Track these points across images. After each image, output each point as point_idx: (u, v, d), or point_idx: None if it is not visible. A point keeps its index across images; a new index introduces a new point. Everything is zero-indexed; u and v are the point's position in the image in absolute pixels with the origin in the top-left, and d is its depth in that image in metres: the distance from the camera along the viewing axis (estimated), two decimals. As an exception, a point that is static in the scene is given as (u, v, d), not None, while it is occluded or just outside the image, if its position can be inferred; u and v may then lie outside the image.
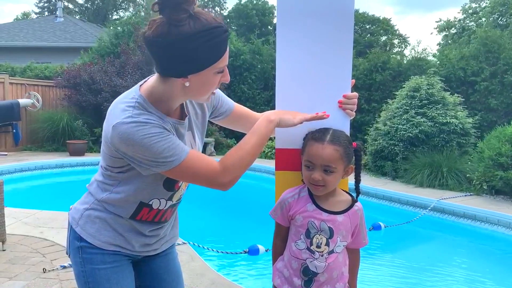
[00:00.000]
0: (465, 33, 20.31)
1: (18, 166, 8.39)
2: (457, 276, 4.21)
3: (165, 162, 1.26)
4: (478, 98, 9.44)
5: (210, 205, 6.92)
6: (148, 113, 1.28)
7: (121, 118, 1.25)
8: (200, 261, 3.63)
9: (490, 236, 5.29)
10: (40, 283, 3.11)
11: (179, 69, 1.24)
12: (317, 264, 1.46)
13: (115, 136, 1.25)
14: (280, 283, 1.54)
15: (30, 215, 4.89)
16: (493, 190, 6.35)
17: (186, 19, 1.18)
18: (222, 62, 1.27)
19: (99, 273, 1.41)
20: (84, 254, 1.42)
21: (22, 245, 3.92)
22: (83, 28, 20.33)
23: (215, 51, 1.23)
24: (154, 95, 1.31)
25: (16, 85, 10.82)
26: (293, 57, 1.55)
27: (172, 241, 1.64)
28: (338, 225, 1.47)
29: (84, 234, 1.43)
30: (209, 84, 1.30)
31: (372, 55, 10.77)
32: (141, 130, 1.23)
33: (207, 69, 1.24)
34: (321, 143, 1.44)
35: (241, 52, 11.73)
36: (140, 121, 1.24)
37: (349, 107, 1.55)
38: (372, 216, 5.75)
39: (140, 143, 1.23)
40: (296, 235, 1.50)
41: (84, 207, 1.46)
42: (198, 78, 1.26)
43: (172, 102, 1.35)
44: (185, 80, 1.26)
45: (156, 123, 1.26)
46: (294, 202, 1.52)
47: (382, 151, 8.01)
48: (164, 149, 1.25)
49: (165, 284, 1.59)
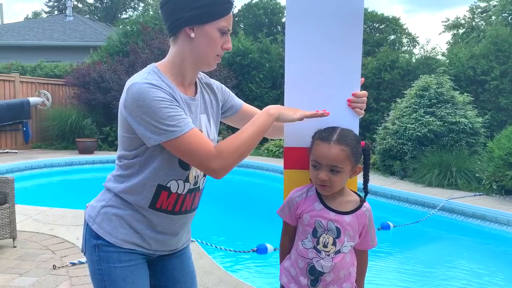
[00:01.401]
0: (474, 32, 20.13)
1: (28, 164, 8.47)
2: (466, 276, 4.18)
3: (167, 130, 1.28)
4: (488, 97, 9.36)
5: (219, 204, 6.94)
6: (160, 82, 1.35)
7: (137, 80, 1.33)
8: (208, 259, 3.65)
9: (500, 236, 5.25)
10: (50, 280, 3.15)
11: (185, 18, 1.36)
12: (323, 264, 1.46)
13: (129, 96, 1.31)
14: (287, 282, 1.55)
15: (40, 212, 4.94)
16: (503, 190, 6.30)
17: None
18: (225, 21, 1.39)
19: (115, 271, 1.41)
20: (101, 252, 1.42)
21: (32, 241, 3.96)
22: (92, 27, 20.45)
23: (219, 7, 1.37)
24: (167, 64, 1.43)
25: (26, 84, 10.93)
26: (302, 56, 1.55)
27: (186, 240, 1.64)
28: (346, 225, 1.46)
29: (100, 232, 1.43)
30: (213, 41, 1.39)
31: (381, 54, 10.72)
32: (153, 91, 1.29)
33: (210, 23, 1.37)
34: (328, 143, 1.44)
35: (249, 51, 11.73)
36: (154, 84, 1.31)
37: (358, 105, 1.55)
38: (380, 216, 5.73)
39: (150, 104, 1.28)
40: (303, 234, 1.50)
41: (101, 204, 1.46)
42: (202, 31, 1.37)
43: (184, 66, 1.43)
44: (190, 31, 1.37)
45: (167, 90, 1.33)
46: (301, 201, 1.52)
47: (391, 150, 7.97)
48: (169, 116, 1.28)
49: (179, 284, 1.60)
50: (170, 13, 1.38)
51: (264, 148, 10.56)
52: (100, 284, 1.43)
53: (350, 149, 1.44)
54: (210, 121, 1.53)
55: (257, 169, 9.16)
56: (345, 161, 1.43)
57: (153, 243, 1.47)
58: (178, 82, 1.43)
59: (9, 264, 3.45)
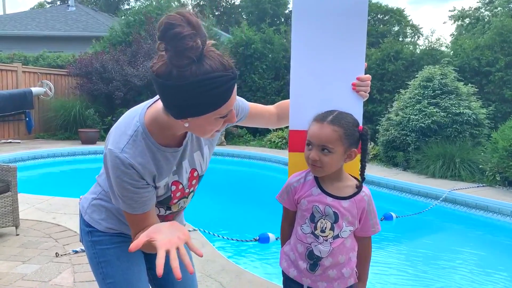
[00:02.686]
0: (479, 23, 19.97)
1: (31, 154, 8.49)
2: (468, 267, 4.17)
3: (124, 203, 1.32)
4: (493, 88, 9.28)
5: (222, 194, 6.95)
6: (141, 148, 1.30)
7: (115, 145, 1.29)
8: (211, 248, 3.65)
9: (503, 227, 5.23)
10: (53, 267, 3.15)
11: (176, 111, 1.21)
12: (321, 249, 1.45)
13: (106, 158, 1.31)
14: (286, 266, 1.55)
15: (43, 201, 4.95)
16: (507, 181, 6.28)
17: (189, 64, 1.11)
18: (225, 109, 1.21)
19: (108, 252, 1.48)
20: (93, 237, 1.51)
21: (35, 230, 3.97)
22: (94, 17, 20.38)
23: (217, 99, 1.17)
24: (156, 122, 1.32)
25: (29, 74, 10.92)
26: (308, 42, 1.56)
27: None
28: (343, 211, 1.45)
29: (92, 222, 1.51)
30: (210, 126, 1.26)
31: (385, 45, 10.63)
32: (119, 172, 1.27)
33: (206, 115, 1.20)
34: (321, 123, 1.44)
35: (252, 41, 11.64)
36: (125, 162, 1.27)
37: (362, 89, 1.56)
38: (383, 207, 5.72)
39: (116, 180, 1.29)
40: (302, 219, 1.50)
41: (92, 196, 1.54)
42: (198, 121, 1.22)
43: (175, 132, 1.34)
44: (184, 121, 1.23)
45: (136, 172, 1.28)
46: (299, 186, 1.51)
47: (394, 141, 7.94)
48: (126, 195, 1.30)
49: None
50: (159, 94, 1.22)
51: (267, 140, 10.54)
52: (97, 266, 1.50)
53: (343, 131, 1.42)
54: (203, 155, 1.50)
55: (260, 160, 9.16)
56: (337, 141, 1.41)
57: None
58: (166, 138, 1.35)
59: (12, 252, 3.46)
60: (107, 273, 1.47)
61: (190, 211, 2.48)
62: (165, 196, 1.42)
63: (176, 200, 1.47)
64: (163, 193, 1.41)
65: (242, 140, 11.14)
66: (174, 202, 1.47)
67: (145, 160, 1.30)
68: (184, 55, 1.10)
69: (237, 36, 11.74)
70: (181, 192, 1.47)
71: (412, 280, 3.83)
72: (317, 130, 1.43)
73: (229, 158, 9.52)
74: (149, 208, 1.36)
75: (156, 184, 1.37)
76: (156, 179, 1.36)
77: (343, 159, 1.45)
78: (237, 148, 9.99)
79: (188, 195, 1.51)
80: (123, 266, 1.46)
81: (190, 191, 1.51)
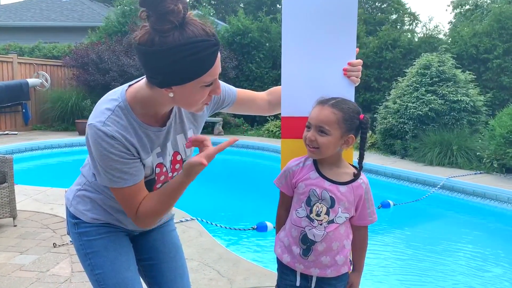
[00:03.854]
0: (478, 10, 19.87)
1: (28, 145, 8.47)
2: (466, 254, 4.19)
3: (111, 178, 1.29)
4: (490, 76, 9.26)
5: (220, 183, 6.96)
6: (123, 122, 1.28)
7: (96, 120, 1.27)
8: (209, 237, 3.66)
9: (500, 214, 5.25)
10: (51, 257, 3.15)
11: (160, 79, 1.20)
12: (315, 232, 1.45)
13: (88, 134, 1.29)
14: (280, 252, 1.55)
15: (40, 192, 4.94)
16: (504, 168, 6.28)
17: (171, 30, 1.13)
18: (209, 76, 1.21)
19: (96, 243, 1.46)
20: (80, 228, 1.48)
21: (32, 220, 3.97)
22: (90, 7, 20.21)
23: (200, 65, 1.17)
24: (139, 99, 1.30)
25: (24, 65, 10.84)
26: (299, 26, 1.55)
27: (164, 219, 1.66)
28: (340, 196, 1.45)
29: (77, 213, 1.49)
30: (196, 96, 1.24)
31: (382, 33, 10.57)
32: (105, 145, 1.25)
33: (191, 82, 1.19)
34: (322, 105, 1.46)
35: (249, 30, 11.55)
36: (108, 134, 1.25)
37: (354, 74, 1.56)
38: (381, 194, 5.73)
39: (101, 153, 1.26)
40: (298, 203, 1.50)
41: (77, 188, 1.52)
42: (182, 90, 1.21)
43: (159, 108, 1.33)
44: (168, 91, 1.22)
45: (121, 142, 1.26)
46: (298, 170, 1.51)
47: (392, 129, 7.93)
48: (115, 168, 1.27)
49: (162, 255, 1.61)
50: (142, 64, 1.21)
51: (264, 129, 10.52)
52: (85, 258, 1.48)
53: (342, 115, 1.43)
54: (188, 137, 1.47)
55: (257, 150, 9.15)
56: (334, 124, 1.42)
57: (129, 224, 1.50)
58: (149, 116, 1.34)
59: (9, 243, 3.46)
60: (95, 264, 1.45)
61: (188, 201, 2.47)
62: (149, 178, 1.40)
63: (159, 185, 1.45)
64: (148, 174, 1.39)
65: (240, 129, 11.13)
66: (157, 186, 1.45)
67: (128, 134, 1.29)
68: (166, 18, 1.11)
69: (234, 25, 11.65)
70: (165, 176, 1.45)
71: (409, 267, 3.85)
72: (317, 111, 1.45)
73: (227, 147, 9.51)
74: (140, 179, 1.33)
75: (142, 161, 1.34)
76: (142, 155, 1.34)
77: (339, 144, 1.45)
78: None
79: (171, 179, 1.48)
80: (110, 256, 1.45)
81: (174, 175, 1.48)
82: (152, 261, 1.60)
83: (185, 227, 3.84)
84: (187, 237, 3.59)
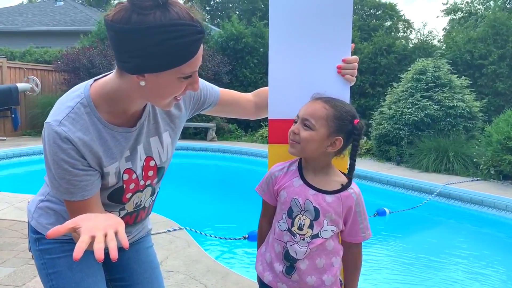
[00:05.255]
0: (472, 17, 19.91)
1: (16, 151, 8.27)
2: (463, 262, 4.06)
3: (58, 188, 1.14)
4: (486, 82, 9.19)
5: (211, 191, 6.80)
6: (83, 122, 1.11)
7: (53, 118, 1.11)
8: (197, 247, 3.49)
9: (498, 221, 5.13)
10: (28, 270, 2.98)
11: (134, 64, 1.03)
12: (297, 249, 1.27)
13: (43, 132, 1.12)
14: (261, 270, 1.37)
15: (23, 200, 4.76)
16: (501, 175, 6.18)
17: (152, 8, 0.98)
18: (189, 67, 1.06)
19: (59, 262, 1.28)
20: (41, 245, 1.31)
21: (12, 230, 3.79)
22: (83, 12, 20.06)
23: (181, 52, 1.02)
24: (105, 94, 1.15)
25: (14, 69, 10.66)
26: (287, 16, 1.38)
27: (140, 235, 1.49)
28: (326, 206, 1.27)
29: (39, 227, 1.31)
30: (170, 89, 1.09)
31: (377, 38, 10.49)
32: (55, 147, 1.09)
33: (167, 71, 1.04)
34: (315, 100, 1.31)
35: (243, 35, 11.45)
36: (62, 135, 1.09)
37: (349, 72, 1.39)
38: (376, 202, 5.60)
39: (51, 156, 1.10)
40: (280, 213, 1.33)
41: (40, 198, 1.34)
42: (156, 79, 1.06)
43: (128, 104, 1.16)
44: (140, 79, 1.06)
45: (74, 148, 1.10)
46: (281, 176, 1.35)
47: (387, 135, 7.81)
48: (63, 177, 1.11)
49: (136, 275, 1.44)
50: (114, 45, 1.05)
51: (258, 135, 10.38)
52: (46, 278, 1.30)
53: (333, 112, 1.27)
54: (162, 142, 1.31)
55: (251, 156, 9.00)
56: (321, 120, 1.26)
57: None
58: (116, 115, 1.18)
59: (-14, 254, 3.28)
60: (58, 286, 1.27)
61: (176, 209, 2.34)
62: (116, 186, 1.23)
63: (129, 194, 1.28)
64: (114, 182, 1.21)
65: (233, 135, 10.98)
66: (127, 197, 1.28)
67: (88, 137, 1.12)
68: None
69: (228, 30, 11.54)
70: (135, 184, 1.27)
71: (405, 276, 3.72)
72: (308, 105, 1.31)
73: (220, 153, 9.36)
74: (91, 195, 1.15)
75: (103, 169, 1.17)
76: (104, 162, 1.17)
77: (324, 144, 1.28)
78: (228, 144, 9.83)
79: (144, 188, 1.31)
80: (76, 278, 1.27)
81: (147, 184, 1.31)
82: (125, 281, 1.43)
83: (173, 237, 3.67)
84: (174, 248, 3.42)
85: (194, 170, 8.48)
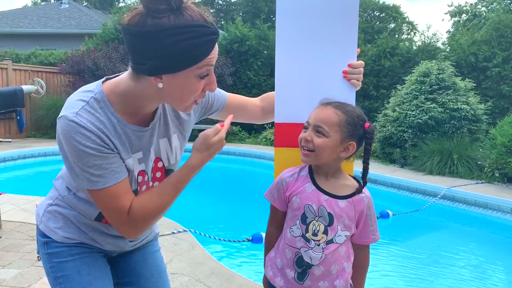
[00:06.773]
0: (476, 19, 19.88)
1: (21, 153, 8.31)
2: (467, 265, 4.05)
3: (89, 178, 1.12)
4: (490, 84, 9.17)
5: (216, 193, 6.81)
6: (98, 115, 1.12)
7: (68, 111, 1.11)
8: (201, 250, 3.51)
9: (502, 224, 5.11)
10: (34, 272, 3.00)
11: (150, 65, 1.06)
12: (312, 255, 1.28)
13: (58, 129, 1.13)
14: (272, 275, 1.37)
15: (29, 202, 4.79)
16: (505, 178, 6.16)
17: (166, 11, 1.02)
18: (205, 66, 1.09)
19: (67, 265, 1.29)
20: (50, 249, 1.31)
21: (18, 232, 3.81)
22: (88, 14, 20.15)
23: (195, 51, 1.05)
24: (118, 93, 1.16)
25: (19, 72, 10.72)
26: (293, 21, 1.39)
27: (148, 239, 1.50)
28: (339, 212, 1.28)
29: (47, 231, 1.32)
30: (189, 89, 1.11)
31: (381, 41, 10.50)
32: (78, 136, 1.09)
33: (184, 71, 1.07)
34: (325, 106, 1.31)
35: (247, 38, 11.47)
36: (81, 124, 1.09)
37: (354, 77, 1.40)
38: (380, 204, 5.59)
39: (74, 148, 1.10)
40: (292, 220, 1.33)
41: (48, 202, 1.35)
42: (174, 80, 1.08)
43: (143, 103, 1.17)
44: (158, 81, 1.09)
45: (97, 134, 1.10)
46: (292, 182, 1.35)
47: (391, 138, 7.81)
48: (93, 164, 1.10)
49: (143, 279, 1.45)
50: (130, 48, 1.08)
51: (262, 137, 10.39)
52: (54, 282, 1.31)
53: (345, 118, 1.28)
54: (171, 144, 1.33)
55: (254, 158, 9.01)
56: (334, 126, 1.27)
57: (105, 245, 1.34)
58: (129, 113, 1.19)
59: (-8, 255, 3.30)
60: None
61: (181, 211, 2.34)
62: (132, 189, 1.24)
63: None
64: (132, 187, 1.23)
65: (237, 137, 10.99)
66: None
67: (105, 128, 1.13)
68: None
69: (232, 33, 11.57)
70: (146, 186, 1.29)
71: (409, 279, 3.71)
72: (319, 110, 1.31)
73: (224, 156, 9.36)
74: (123, 177, 1.15)
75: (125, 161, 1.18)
76: (122, 154, 1.17)
77: (338, 150, 1.29)
78: (232, 146, 9.84)
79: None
80: (84, 281, 1.27)
81: (155, 185, 1.32)
82: (132, 285, 1.44)
83: (177, 239, 3.69)
84: (178, 250, 3.44)
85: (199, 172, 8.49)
